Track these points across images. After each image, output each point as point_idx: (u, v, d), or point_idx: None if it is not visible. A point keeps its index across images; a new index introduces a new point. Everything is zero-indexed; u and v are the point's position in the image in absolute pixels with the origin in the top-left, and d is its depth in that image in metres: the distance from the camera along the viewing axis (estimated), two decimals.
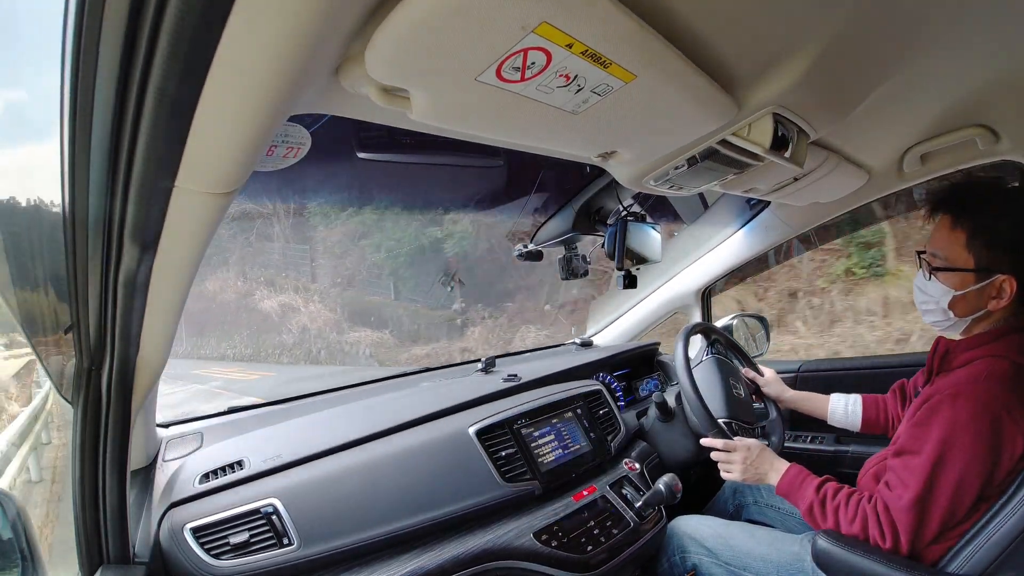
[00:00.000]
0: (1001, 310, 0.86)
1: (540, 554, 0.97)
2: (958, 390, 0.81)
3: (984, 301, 0.85)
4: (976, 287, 0.84)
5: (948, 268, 0.87)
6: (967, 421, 0.78)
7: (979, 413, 0.78)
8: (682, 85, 0.57)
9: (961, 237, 0.85)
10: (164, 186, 0.43)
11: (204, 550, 0.79)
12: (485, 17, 0.39)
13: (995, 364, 0.81)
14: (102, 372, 0.61)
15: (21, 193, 0.61)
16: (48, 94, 0.45)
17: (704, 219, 1.72)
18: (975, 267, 0.84)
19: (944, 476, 0.79)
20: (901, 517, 0.82)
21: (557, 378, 1.41)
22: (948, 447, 0.79)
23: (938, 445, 0.79)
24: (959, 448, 0.78)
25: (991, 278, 0.83)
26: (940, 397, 0.83)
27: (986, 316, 0.87)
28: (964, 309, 0.87)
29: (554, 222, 1.32)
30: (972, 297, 0.85)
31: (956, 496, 0.79)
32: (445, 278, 6.15)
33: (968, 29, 0.71)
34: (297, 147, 0.59)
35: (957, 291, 0.86)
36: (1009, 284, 0.82)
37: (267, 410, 1.27)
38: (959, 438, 0.78)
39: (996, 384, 0.79)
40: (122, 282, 0.51)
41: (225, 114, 0.39)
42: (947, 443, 0.79)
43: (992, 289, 0.84)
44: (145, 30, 0.32)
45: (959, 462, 0.78)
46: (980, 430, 0.77)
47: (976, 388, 0.80)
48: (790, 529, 1.25)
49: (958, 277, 0.86)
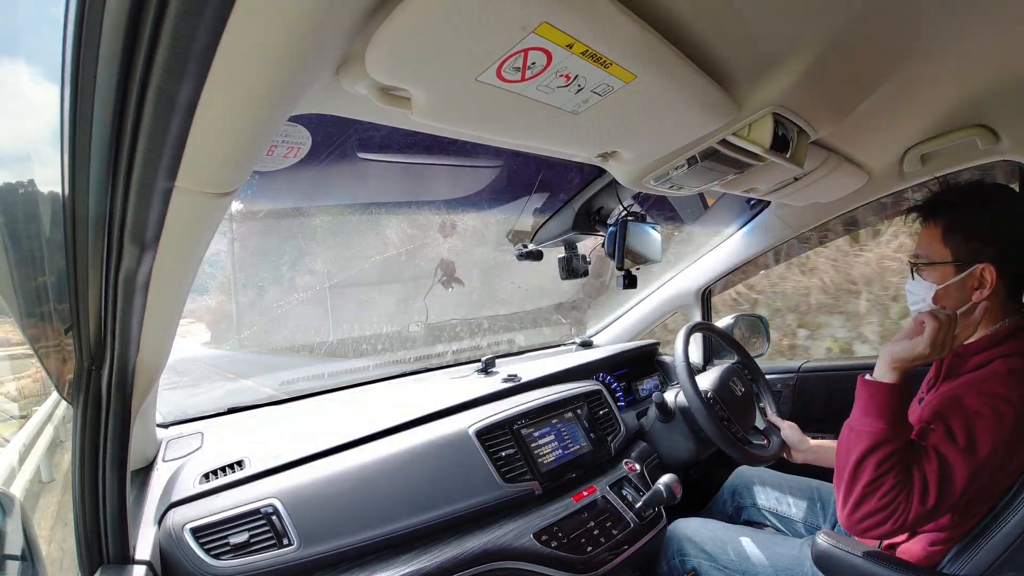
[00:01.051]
0: (997, 307, 0.86)
1: (540, 555, 0.97)
2: (981, 388, 0.80)
3: (968, 293, 0.86)
4: (956, 279, 0.86)
5: (928, 263, 0.89)
6: (990, 414, 0.76)
7: (1002, 408, 0.76)
8: (682, 85, 0.57)
9: (937, 233, 0.88)
10: (164, 186, 0.43)
11: (204, 550, 0.79)
12: (485, 17, 0.39)
13: (1012, 363, 0.80)
14: (102, 372, 0.61)
15: (21, 193, 0.61)
16: (48, 94, 0.45)
17: (704, 219, 1.72)
18: (953, 259, 0.86)
19: (962, 462, 0.76)
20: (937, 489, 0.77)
21: (557, 378, 1.41)
22: (971, 437, 0.76)
23: (963, 433, 0.77)
24: (981, 441, 0.76)
25: (970, 268, 0.85)
26: (958, 394, 0.81)
27: (973, 310, 0.86)
28: (950, 303, 0.88)
29: (554, 222, 1.32)
30: (954, 290, 0.87)
31: (965, 486, 0.76)
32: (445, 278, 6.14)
33: (968, 29, 0.71)
34: (297, 147, 0.59)
35: (939, 285, 0.88)
36: (988, 272, 0.83)
37: (267, 410, 1.27)
38: (984, 433, 0.76)
39: (1015, 380, 0.78)
40: (122, 282, 0.51)
41: (225, 114, 0.39)
42: (971, 433, 0.77)
43: (973, 279, 0.85)
44: (145, 30, 0.32)
45: (979, 453, 0.76)
46: (1003, 423, 0.76)
47: (996, 386, 0.79)
48: (790, 532, 1.25)
49: (939, 272, 0.88)
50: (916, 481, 0.77)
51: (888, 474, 0.77)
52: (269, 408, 1.28)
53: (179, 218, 0.47)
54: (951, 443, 0.77)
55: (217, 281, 4.88)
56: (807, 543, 1.01)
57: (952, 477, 0.76)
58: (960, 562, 0.81)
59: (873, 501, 0.78)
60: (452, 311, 3.65)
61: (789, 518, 1.27)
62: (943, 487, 0.76)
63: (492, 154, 1.38)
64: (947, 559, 0.83)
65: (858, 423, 0.82)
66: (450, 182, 1.63)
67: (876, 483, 0.78)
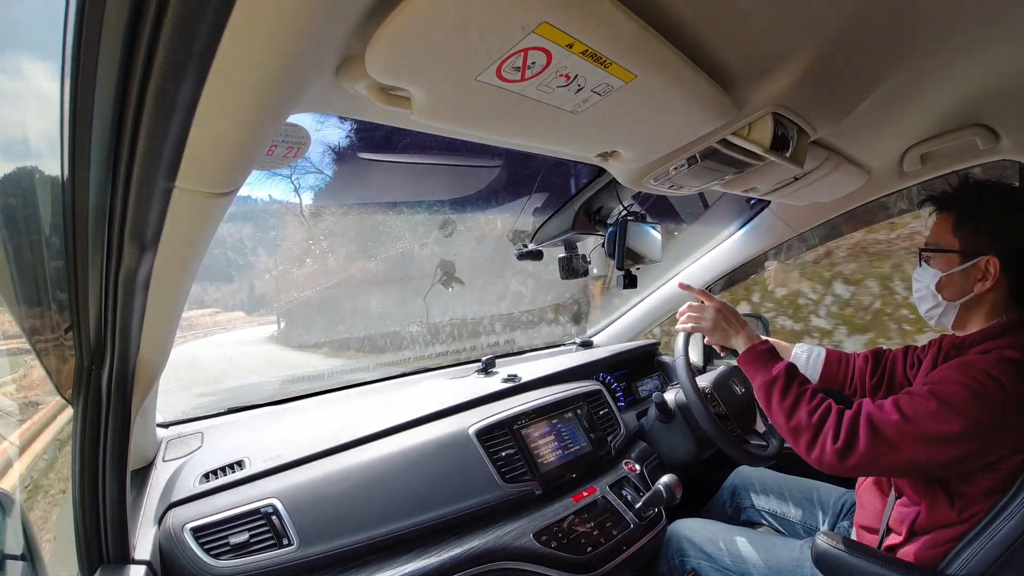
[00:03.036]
0: (998, 303, 0.87)
1: (540, 555, 0.97)
2: (970, 366, 0.80)
3: (971, 283, 0.87)
4: (961, 268, 0.88)
5: (936, 250, 0.91)
6: (977, 392, 0.77)
7: (991, 389, 0.76)
8: (682, 85, 0.57)
9: (949, 223, 0.90)
10: (164, 186, 0.43)
11: (204, 550, 0.79)
12: (485, 17, 0.39)
13: (1006, 353, 0.81)
14: (102, 372, 0.61)
15: (21, 193, 0.61)
16: (48, 94, 0.45)
17: (704, 219, 1.72)
18: (960, 248, 0.88)
19: (930, 426, 0.77)
20: (869, 429, 0.80)
21: (557, 378, 1.41)
22: (949, 407, 0.77)
23: (941, 400, 0.78)
24: (960, 415, 0.76)
25: (975, 259, 0.86)
26: (950, 369, 0.82)
27: (976, 302, 0.88)
28: (952, 292, 0.89)
29: (554, 222, 1.32)
30: (958, 279, 0.88)
31: (934, 450, 0.77)
32: (445, 278, 6.14)
33: (968, 29, 0.71)
34: (297, 147, 0.59)
35: (943, 272, 0.89)
36: (993, 265, 0.85)
37: (267, 410, 1.27)
38: (963, 406, 0.77)
39: (1011, 369, 0.78)
40: (122, 282, 0.51)
41: (225, 114, 0.39)
42: (950, 403, 0.77)
43: (977, 271, 0.86)
44: (145, 30, 0.32)
45: (954, 425, 0.76)
46: (986, 406, 0.76)
47: (985, 366, 0.79)
48: (789, 532, 1.25)
49: (945, 260, 0.89)
50: (833, 416, 0.85)
51: (800, 399, 0.89)
52: (269, 408, 1.28)
53: (179, 218, 0.47)
54: (915, 407, 0.80)
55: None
56: (807, 545, 1.01)
57: (891, 429, 0.80)
58: (960, 563, 0.81)
59: (797, 417, 0.88)
60: (452, 310, 3.64)
61: (788, 519, 1.27)
62: (872, 433, 0.80)
63: (492, 154, 1.38)
64: (947, 560, 0.83)
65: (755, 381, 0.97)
66: (455, 182, 1.63)
67: (790, 407, 0.89)
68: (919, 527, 0.87)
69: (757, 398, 0.95)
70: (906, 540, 0.88)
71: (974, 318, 0.90)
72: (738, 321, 1.06)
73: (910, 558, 0.87)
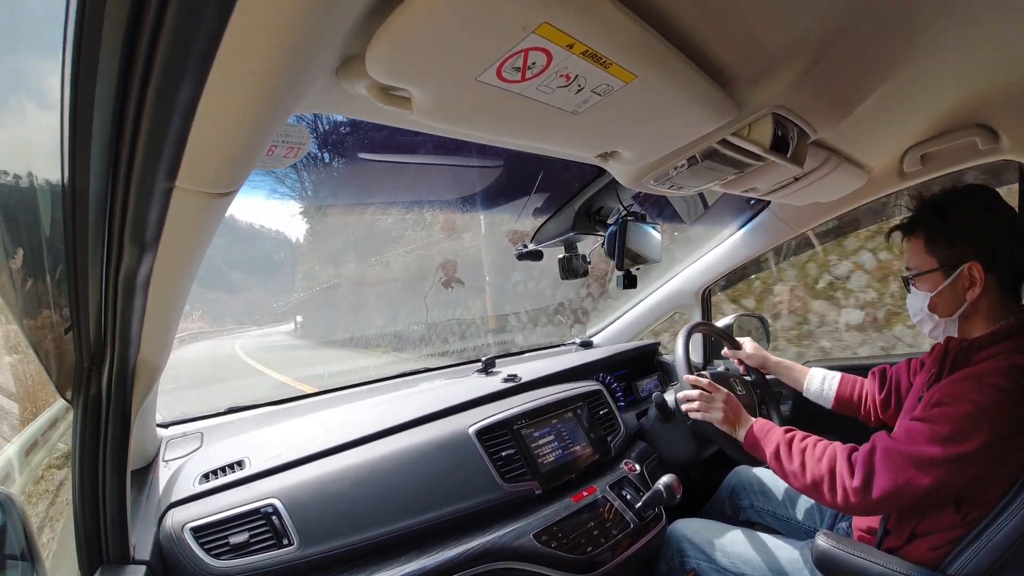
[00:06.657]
0: (995, 302, 0.86)
1: (540, 555, 0.97)
2: (981, 381, 0.80)
3: (961, 294, 0.88)
4: (947, 283, 0.88)
5: (918, 273, 0.92)
6: (990, 407, 0.76)
7: (1004, 402, 0.76)
8: (682, 85, 0.57)
9: (921, 245, 0.91)
10: (164, 186, 0.43)
11: (204, 550, 0.79)
12: (486, 18, 0.39)
13: (1016, 359, 0.80)
14: (102, 372, 0.61)
15: (21, 193, 0.61)
16: (49, 94, 0.45)
17: (704, 219, 1.72)
18: (940, 265, 0.89)
19: (949, 449, 0.77)
20: (887, 461, 0.81)
21: (557, 378, 1.41)
22: (965, 426, 0.77)
23: (956, 421, 0.78)
24: (978, 432, 0.76)
25: (958, 270, 0.87)
26: (956, 386, 0.82)
27: (973, 309, 0.88)
28: (946, 308, 0.90)
29: (554, 222, 1.32)
30: (947, 294, 0.89)
31: (950, 475, 0.77)
32: (445, 278, 6.15)
33: (968, 29, 0.71)
34: (297, 147, 0.59)
35: (932, 292, 0.90)
36: (976, 270, 0.85)
37: (267, 410, 1.27)
38: (980, 423, 0.76)
39: (1021, 376, 0.78)
40: (122, 282, 0.51)
41: (225, 114, 0.39)
42: (965, 422, 0.77)
43: (963, 280, 0.87)
44: (145, 30, 0.32)
45: (972, 443, 0.76)
46: (1001, 419, 0.76)
47: (1000, 379, 0.78)
48: (788, 533, 1.25)
49: (930, 280, 0.90)
50: (842, 454, 0.87)
51: (805, 454, 0.91)
52: (269, 408, 1.28)
53: (179, 218, 0.47)
54: (931, 431, 0.79)
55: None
56: (807, 546, 1.01)
57: (908, 457, 0.80)
58: (960, 563, 0.81)
59: (809, 472, 0.89)
60: (449, 310, 3.65)
61: (786, 519, 1.27)
62: (889, 465, 0.81)
63: (492, 154, 1.38)
64: (947, 560, 0.83)
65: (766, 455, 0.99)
66: (454, 181, 1.63)
67: (799, 461, 0.91)
68: (920, 530, 0.87)
69: (775, 472, 0.98)
70: (906, 542, 0.88)
71: (976, 323, 0.89)
72: (740, 409, 1.11)
73: (911, 558, 0.87)
